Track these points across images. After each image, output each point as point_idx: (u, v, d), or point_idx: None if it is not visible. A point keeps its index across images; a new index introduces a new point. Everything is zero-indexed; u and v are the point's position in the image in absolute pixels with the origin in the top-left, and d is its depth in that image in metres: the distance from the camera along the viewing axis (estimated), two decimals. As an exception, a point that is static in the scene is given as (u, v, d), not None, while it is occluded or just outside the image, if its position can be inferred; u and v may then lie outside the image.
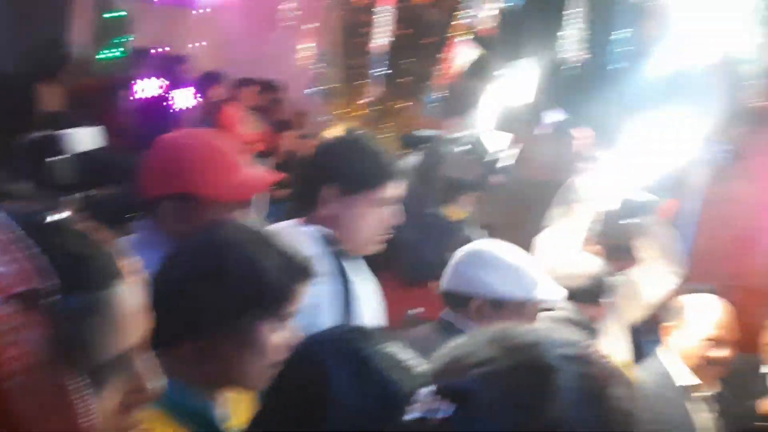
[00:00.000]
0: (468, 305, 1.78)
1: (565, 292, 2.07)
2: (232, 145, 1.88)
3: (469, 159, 3.12)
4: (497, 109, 3.85)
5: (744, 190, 5.07)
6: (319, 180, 1.92)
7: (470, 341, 0.86)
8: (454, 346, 0.87)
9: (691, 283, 4.40)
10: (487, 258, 1.81)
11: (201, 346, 1.27)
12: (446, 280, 1.88)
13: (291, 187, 3.68)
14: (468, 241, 3.01)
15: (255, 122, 6.93)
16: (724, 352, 2.35)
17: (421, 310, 3.02)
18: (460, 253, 1.88)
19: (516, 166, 3.40)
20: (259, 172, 1.91)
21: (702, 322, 2.42)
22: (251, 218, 1.74)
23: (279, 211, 2.59)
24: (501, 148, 3.26)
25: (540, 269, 1.94)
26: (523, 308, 1.81)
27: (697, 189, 4.36)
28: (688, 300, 2.54)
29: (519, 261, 1.85)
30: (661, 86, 4.37)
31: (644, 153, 3.44)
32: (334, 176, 1.89)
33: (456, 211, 3.28)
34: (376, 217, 1.90)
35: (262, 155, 5.98)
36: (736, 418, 3.07)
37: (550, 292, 1.90)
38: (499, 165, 3.22)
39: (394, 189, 1.93)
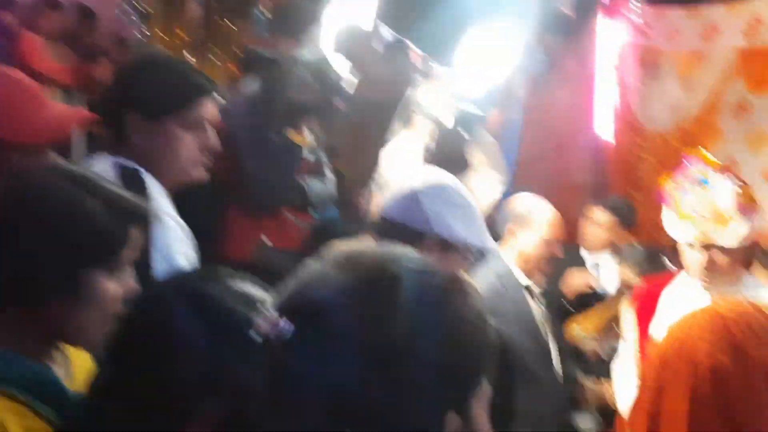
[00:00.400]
0: (419, 242, 1.54)
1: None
2: (32, 79, 1.68)
3: (310, 81, 3.09)
4: (332, 29, 3.82)
5: (560, 96, 5.52)
6: (121, 108, 1.72)
7: (315, 264, 0.85)
8: (301, 270, 0.85)
9: (519, 186, 4.78)
10: (452, 197, 1.62)
11: (27, 308, 1.13)
12: (398, 212, 1.61)
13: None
14: (317, 166, 3.00)
15: (60, 52, 6.19)
16: (555, 249, 2.59)
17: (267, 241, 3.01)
18: (419, 184, 1.61)
19: (355, 87, 3.43)
20: (65, 110, 1.71)
21: (536, 223, 2.64)
22: (63, 161, 1.55)
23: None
24: (340, 70, 3.26)
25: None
26: (467, 253, 1.69)
27: (518, 99, 4.66)
28: (521, 203, 2.75)
29: (475, 204, 1.71)
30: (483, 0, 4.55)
31: (472, 66, 3.61)
32: (135, 101, 1.70)
33: (299, 135, 3.25)
34: (188, 141, 1.73)
35: (70, 90, 5.42)
36: (557, 304, 3.45)
37: (492, 241, 1.83)
38: (339, 87, 3.23)
39: (206, 108, 1.76)
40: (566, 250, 3.89)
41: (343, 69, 3.33)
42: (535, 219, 2.67)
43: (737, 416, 1.12)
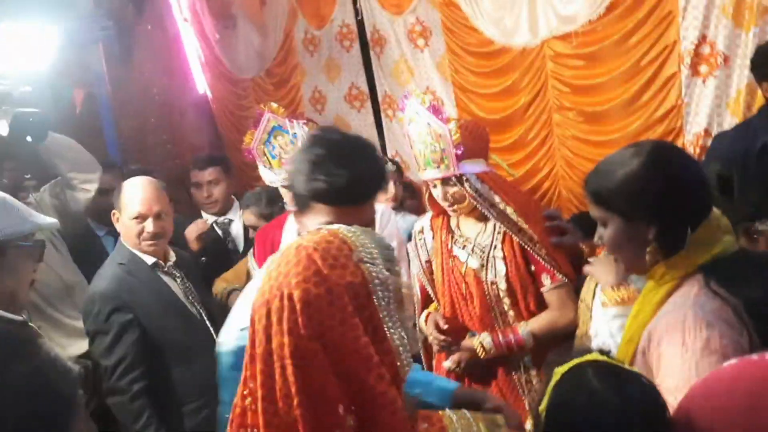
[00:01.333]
0: None
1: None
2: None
3: None
4: None
5: (146, 60, 5.29)
6: None
7: None
8: None
9: (133, 161, 4.53)
10: None
11: None
12: None
13: None
14: None
15: None
16: (150, 226, 2.51)
17: None
18: None
19: None
20: None
21: (128, 203, 2.53)
22: None
23: None
24: None
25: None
26: (25, 242, 1.60)
27: (99, 73, 4.36)
28: (122, 185, 2.60)
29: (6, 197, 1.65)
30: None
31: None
32: None
33: None
34: None
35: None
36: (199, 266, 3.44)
37: (45, 218, 1.76)
38: None
39: None
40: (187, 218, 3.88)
41: None
42: (124, 199, 2.57)
43: (327, 335, 1.18)
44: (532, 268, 2.20)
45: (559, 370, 1.14)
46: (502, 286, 2.21)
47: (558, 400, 1.10)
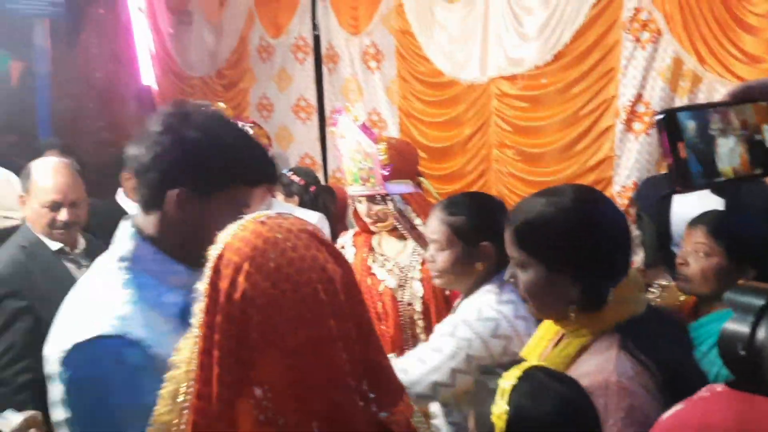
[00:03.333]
0: None
1: None
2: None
3: None
4: None
5: (92, 43, 5.11)
6: None
7: None
8: None
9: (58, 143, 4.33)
10: None
11: None
12: None
13: None
14: None
15: None
16: (64, 215, 2.36)
17: None
18: None
19: None
20: None
21: (39, 189, 2.36)
22: None
23: None
24: None
25: None
26: None
27: (42, 48, 4.17)
28: (31, 167, 2.41)
29: None
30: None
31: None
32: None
33: None
34: None
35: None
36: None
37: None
38: None
39: None
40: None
41: None
42: (36, 183, 2.39)
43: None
44: (447, 292, 2.19)
45: (509, 378, 1.13)
46: (418, 308, 2.18)
47: (522, 404, 1.11)
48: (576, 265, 1.29)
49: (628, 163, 3.62)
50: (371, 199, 2.18)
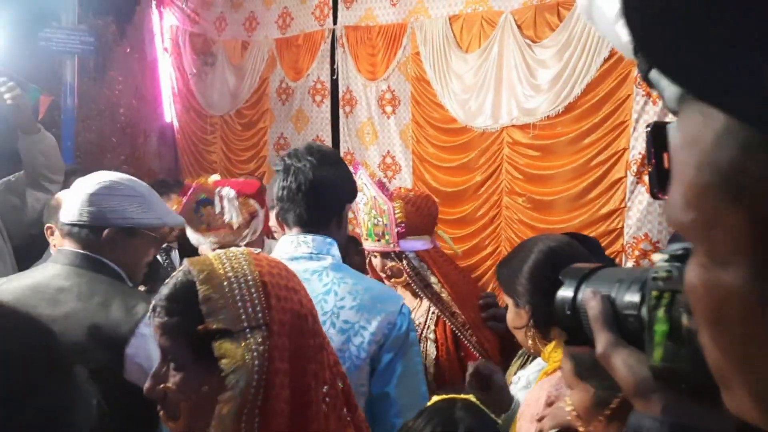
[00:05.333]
0: (99, 235, 1.65)
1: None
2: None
3: None
4: None
5: (117, 80, 5.22)
6: None
7: None
8: None
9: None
10: (121, 188, 1.70)
11: None
12: (75, 214, 1.66)
13: None
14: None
15: None
16: None
17: None
18: (89, 186, 1.66)
19: None
20: None
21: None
22: None
23: None
24: None
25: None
26: (153, 233, 1.76)
27: (69, 83, 4.27)
28: (60, 198, 2.43)
29: (147, 191, 1.77)
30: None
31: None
32: None
33: None
34: None
35: None
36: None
37: (176, 217, 1.92)
38: None
39: None
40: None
41: None
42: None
43: None
44: (462, 354, 2.10)
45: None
46: (431, 370, 2.07)
47: None
48: (524, 296, 1.48)
49: (638, 214, 3.61)
50: (385, 255, 2.13)
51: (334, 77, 4.81)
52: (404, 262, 2.05)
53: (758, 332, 0.34)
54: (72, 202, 1.69)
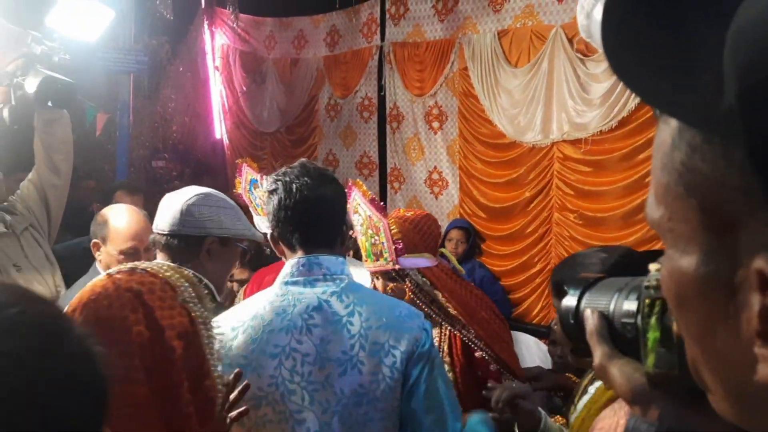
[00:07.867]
0: (200, 246, 1.66)
1: None
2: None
3: None
4: None
5: (171, 98, 5.32)
6: None
7: None
8: None
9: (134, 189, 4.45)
10: (215, 201, 1.72)
11: None
12: (173, 225, 1.66)
13: None
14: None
15: None
16: (134, 260, 2.34)
17: None
18: (186, 197, 1.68)
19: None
20: None
21: (118, 236, 2.37)
22: None
23: None
24: None
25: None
26: (241, 243, 1.80)
27: (124, 101, 4.35)
28: (108, 214, 2.43)
29: (233, 201, 1.80)
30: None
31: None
32: None
33: None
34: None
35: None
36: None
37: (257, 232, 1.91)
38: None
39: None
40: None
41: None
42: (111, 231, 2.38)
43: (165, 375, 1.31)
44: (479, 373, 1.99)
45: None
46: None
47: None
48: None
49: (695, 232, 3.44)
50: (386, 275, 2.03)
51: (382, 93, 4.78)
52: (406, 280, 1.93)
53: (712, 311, 0.38)
54: (167, 213, 1.69)
